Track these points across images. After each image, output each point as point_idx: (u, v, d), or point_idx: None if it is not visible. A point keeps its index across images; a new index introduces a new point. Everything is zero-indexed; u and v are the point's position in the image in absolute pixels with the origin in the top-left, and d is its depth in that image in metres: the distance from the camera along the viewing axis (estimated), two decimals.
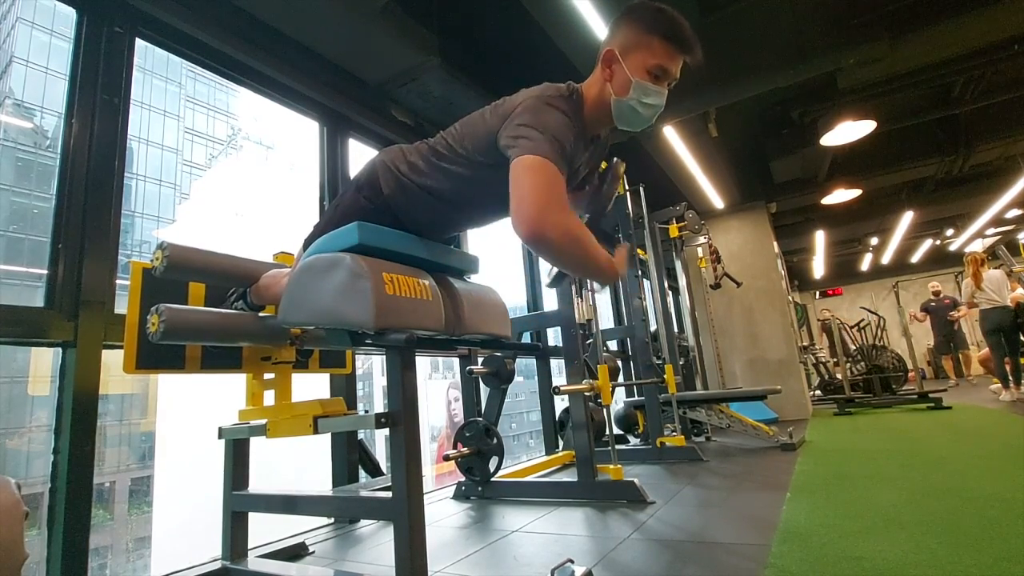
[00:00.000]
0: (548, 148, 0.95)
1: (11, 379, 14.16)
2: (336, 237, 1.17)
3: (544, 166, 0.93)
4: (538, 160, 0.93)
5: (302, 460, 6.95)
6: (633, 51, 1.06)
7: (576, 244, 0.94)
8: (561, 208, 0.92)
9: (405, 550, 1.07)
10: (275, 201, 14.38)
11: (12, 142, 17.39)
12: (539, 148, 0.94)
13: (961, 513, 1.62)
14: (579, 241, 0.95)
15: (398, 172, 1.19)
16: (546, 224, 0.91)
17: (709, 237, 4.58)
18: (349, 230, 1.14)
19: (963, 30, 3.17)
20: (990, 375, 5.73)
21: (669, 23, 1.05)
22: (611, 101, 1.09)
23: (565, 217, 0.93)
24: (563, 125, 1.00)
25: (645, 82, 1.06)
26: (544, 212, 0.91)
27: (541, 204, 0.91)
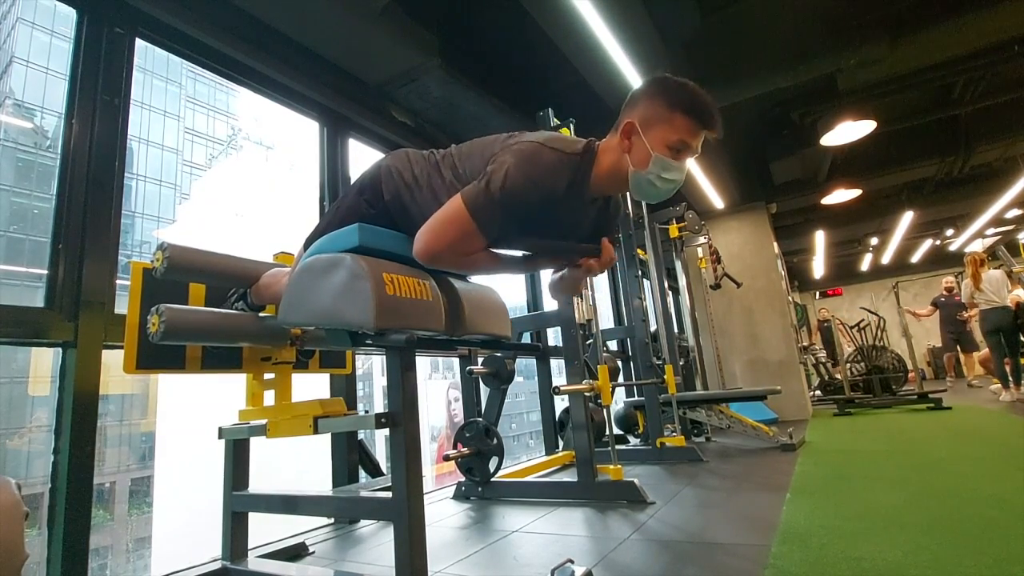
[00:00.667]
0: (478, 200, 1.00)
1: (11, 379, 14.16)
2: (336, 238, 1.17)
3: (458, 210, 1.01)
4: (458, 202, 1.02)
5: (302, 460, 6.95)
6: (654, 125, 1.05)
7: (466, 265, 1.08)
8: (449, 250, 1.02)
9: (405, 550, 1.07)
10: (275, 201, 14.38)
11: (12, 142, 17.38)
12: (470, 196, 1.01)
13: (961, 514, 1.62)
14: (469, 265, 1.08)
15: (401, 180, 1.19)
16: (427, 255, 1.04)
17: (709, 237, 4.58)
18: (350, 231, 1.14)
19: (963, 31, 3.17)
20: (990, 375, 5.73)
21: (692, 99, 1.04)
22: (628, 173, 1.08)
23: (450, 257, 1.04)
24: (527, 186, 1.00)
25: (666, 158, 1.04)
26: (429, 248, 1.03)
27: (433, 237, 1.02)
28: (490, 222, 1.01)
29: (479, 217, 1.00)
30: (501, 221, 1.02)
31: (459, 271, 1.10)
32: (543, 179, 1.02)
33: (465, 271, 1.09)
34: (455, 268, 1.09)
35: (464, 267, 1.08)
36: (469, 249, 1.03)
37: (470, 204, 1.00)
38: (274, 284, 1.47)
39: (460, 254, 1.03)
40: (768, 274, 5.68)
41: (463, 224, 1.01)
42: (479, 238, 1.02)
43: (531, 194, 1.01)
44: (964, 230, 8.26)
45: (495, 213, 1.00)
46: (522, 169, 1.01)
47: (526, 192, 1.00)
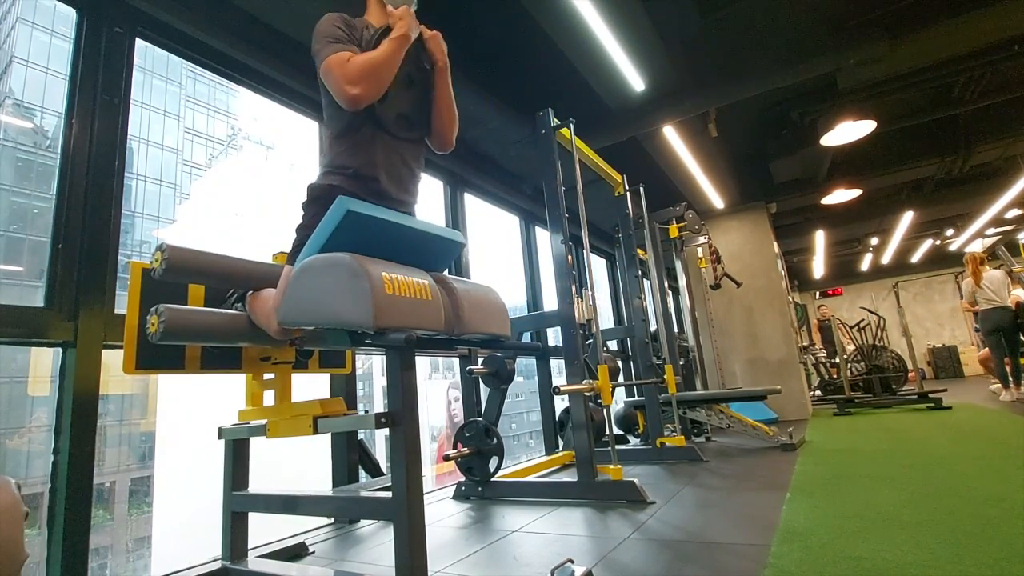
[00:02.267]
0: (324, 52, 1.30)
1: (11, 379, 14.16)
2: (322, 226, 1.19)
3: (324, 65, 1.29)
4: (323, 65, 1.30)
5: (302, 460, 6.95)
6: None
7: (371, 63, 1.27)
8: (344, 67, 1.26)
9: (405, 550, 1.07)
10: (275, 201, 14.38)
11: (12, 142, 17.38)
12: (320, 59, 1.31)
13: (961, 513, 1.62)
14: (368, 60, 1.27)
15: (334, 166, 1.34)
16: (349, 83, 1.24)
17: (709, 237, 4.58)
18: (335, 208, 1.17)
19: (963, 30, 3.17)
20: (990, 375, 5.73)
21: None
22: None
23: (349, 66, 1.25)
24: (332, 23, 1.35)
25: None
26: (343, 80, 1.25)
27: (337, 78, 1.26)
28: (337, 46, 1.30)
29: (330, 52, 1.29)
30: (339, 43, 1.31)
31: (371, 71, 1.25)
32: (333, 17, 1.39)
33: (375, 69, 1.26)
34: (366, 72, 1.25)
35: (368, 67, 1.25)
36: (346, 59, 1.26)
37: (321, 59, 1.30)
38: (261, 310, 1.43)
39: (344, 63, 1.25)
40: (768, 274, 5.69)
41: (330, 63, 1.28)
42: (343, 55, 1.27)
43: (336, 21, 1.37)
44: (964, 230, 8.26)
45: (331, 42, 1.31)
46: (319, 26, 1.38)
47: (331, 24, 1.36)
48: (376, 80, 1.25)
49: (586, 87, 3.25)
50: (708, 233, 4.52)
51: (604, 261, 6.28)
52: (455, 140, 1.56)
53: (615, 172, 3.50)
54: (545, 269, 4.23)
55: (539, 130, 2.67)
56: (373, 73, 1.25)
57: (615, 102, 3.48)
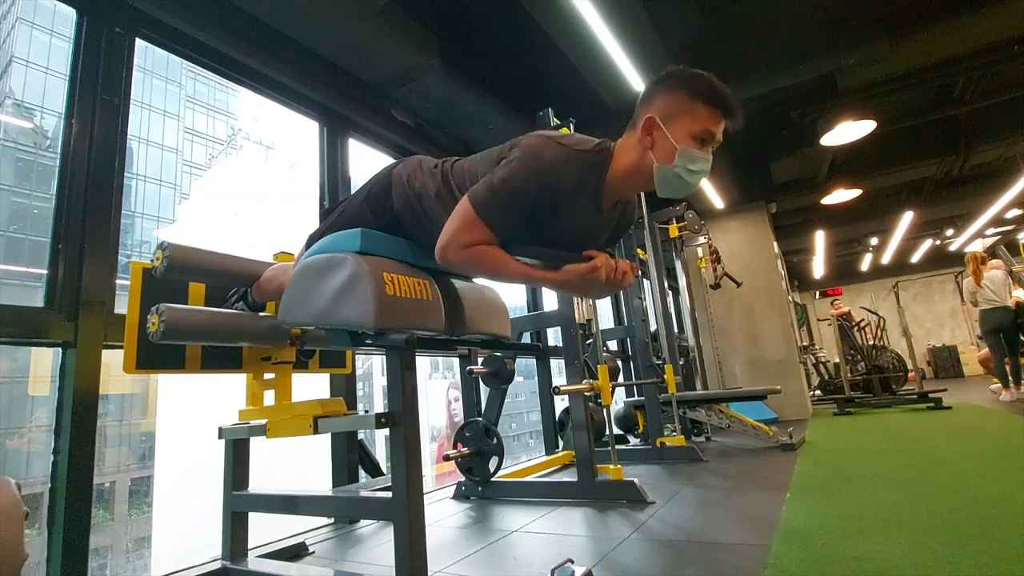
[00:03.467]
0: (483, 196, 1.01)
1: (11, 379, 14.15)
2: (338, 240, 1.17)
3: (465, 208, 1.02)
4: (465, 202, 1.03)
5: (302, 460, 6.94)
6: (676, 117, 1.02)
7: (482, 267, 1.05)
8: (462, 244, 1.02)
9: (405, 550, 1.07)
10: (275, 201, 14.37)
11: (12, 142, 17.37)
12: (475, 194, 1.03)
13: (961, 513, 1.62)
14: (480, 264, 1.04)
15: (411, 189, 1.18)
16: (446, 254, 1.04)
17: (709, 237, 4.58)
18: (351, 235, 1.14)
19: (963, 30, 3.17)
20: (990, 375, 5.73)
21: (712, 88, 1.03)
22: (653, 168, 1.04)
23: (465, 251, 1.02)
24: (528, 178, 1.00)
25: (692, 149, 1.02)
26: (446, 246, 1.03)
27: (447, 239, 1.03)
28: (492, 214, 1.01)
29: (480, 209, 1.00)
30: (505, 215, 1.01)
31: (472, 271, 1.09)
32: (547, 172, 1.00)
33: (477, 271, 1.07)
34: (467, 267, 1.06)
35: (475, 266, 1.05)
36: (471, 241, 1.02)
37: (473, 198, 1.02)
38: (277, 277, 1.47)
39: (463, 246, 1.02)
40: (768, 274, 5.68)
41: (466, 217, 1.01)
42: (482, 230, 1.01)
43: (531, 186, 1.00)
44: (964, 230, 8.26)
45: (497, 205, 1.00)
46: (525, 162, 1.01)
47: (527, 184, 1.00)
48: (473, 275, 1.13)
49: (586, 87, 3.25)
50: (708, 233, 4.52)
51: None
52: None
53: None
54: None
55: (539, 130, 2.67)
56: (475, 272, 1.08)
57: (615, 102, 3.48)
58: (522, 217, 1.03)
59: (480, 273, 1.08)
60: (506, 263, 1.04)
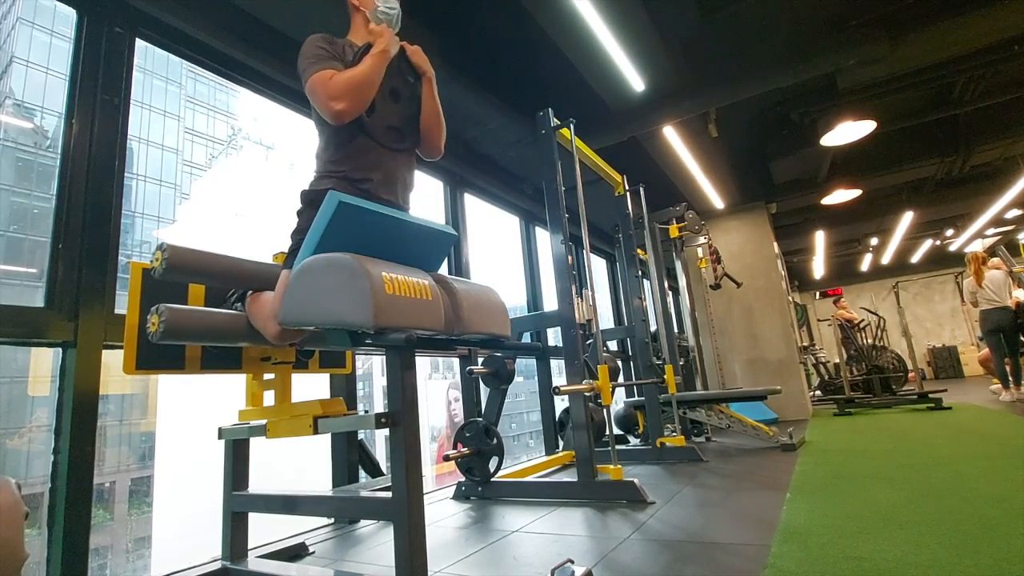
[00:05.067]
0: (309, 71, 1.33)
1: (11, 379, 14.15)
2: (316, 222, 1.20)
3: (310, 83, 1.33)
4: (308, 83, 1.33)
5: (302, 460, 6.95)
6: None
7: (353, 79, 1.30)
8: (327, 84, 1.30)
9: (405, 550, 1.07)
10: (275, 201, 14.37)
11: (12, 142, 17.38)
12: (305, 78, 1.34)
13: (961, 513, 1.62)
14: (351, 76, 1.31)
15: (328, 170, 1.38)
16: (333, 99, 1.28)
17: (709, 237, 4.58)
18: (327, 202, 1.18)
19: (963, 30, 3.17)
20: (990, 375, 5.73)
21: None
22: (369, 15, 1.51)
23: (333, 83, 1.29)
24: (315, 43, 1.39)
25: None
26: (327, 96, 1.29)
27: (322, 95, 1.29)
28: (319, 64, 1.33)
29: (312, 68, 1.33)
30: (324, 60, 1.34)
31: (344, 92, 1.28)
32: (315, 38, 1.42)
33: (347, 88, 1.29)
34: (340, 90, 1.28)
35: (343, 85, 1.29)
36: (327, 78, 1.30)
37: (304, 75, 1.34)
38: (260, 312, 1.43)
39: (326, 82, 1.29)
40: (768, 274, 5.69)
41: (314, 78, 1.31)
42: (325, 72, 1.31)
43: (318, 42, 1.40)
44: (964, 230, 8.26)
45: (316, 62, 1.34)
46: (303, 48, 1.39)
47: (314, 44, 1.39)
48: (359, 94, 1.30)
49: (586, 87, 3.25)
50: (708, 233, 4.52)
51: (604, 261, 6.28)
52: (444, 147, 1.59)
53: (615, 172, 3.50)
54: (545, 269, 4.23)
55: (539, 130, 2.67)
56: (355, 88, 1.30)
57: (615, 102, 3.48)
58: (335, 59, 1.37)
59: (353, 82, 1.30)
60: (353, 70, 1.33)
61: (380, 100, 1.38)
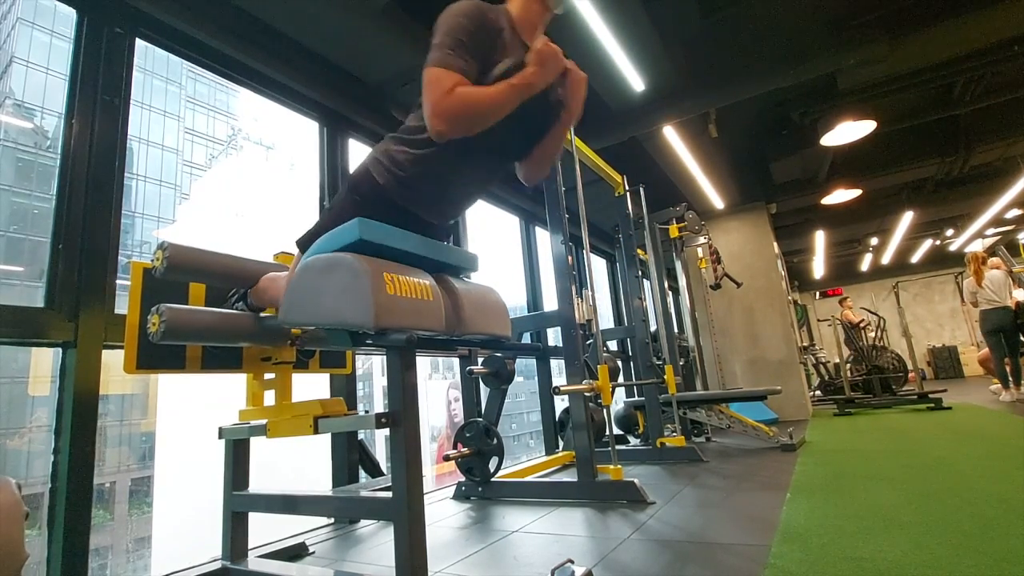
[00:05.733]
0: (435, 55, 1.09)
1: (11, 379, 14.15)
2: (336, 235, 1.16)
3: (428, 73, 1.08)
4: (426, 72, 1.08)
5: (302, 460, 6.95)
6: None
7: (474, 105, 1.07)
8: (444, 95, 1.05)
9: (405, 550, 1.07)
10: (275, 201, 14.37)
11: (12, 142, 17.38)
12: (429, 60, 1.09)
13: (961, 513, 1.62)
14: (474, 102, 1.06)
15: (389, 161, 1.21)
16: (439, 117, 1.05)
17: (709, 237, 4.58)
18: (350, 227, 1.13)
19: (963, 30, 3.17)
20: (990, 375, 5.73)
21: None
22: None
23: (450, 98, 1.04)
24: (457, 18, 1.11)
25: None
26: (435, 109, 1.05)
27: (429, 105, 1.06)
28: (449, 60, 1.08)
29: (439, 61, 1.07)
30: (460, 56, 1.09)
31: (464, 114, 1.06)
32: (465, 11, 1.12)
33: (468, 109, 1.06)
34: (458, 109, 1.05)
35: (464, 104, 1.05)
36: (448, 87, 1.05)
37: (430, 62, 1.09)
38: (271, 287, 1.47)
39: (445, 94, 1.05)
40: (768, 274, 5.68)
41: (432, 76, 1.07)
42: (451, 76, 1.07)
43: (463, 23, 1.11)
44: (964, 230, 8.26)
45: (448, 53, 1.08)
46: (445, 17, 1.13)
47: (459, 24, 1.11)
48: (471, 124, 1.07)
49: None
50: (708, 233, 4.52)
51: (604, 261, 6.28)
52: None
53: (615, 172, 3.50)
54: (545, 269, 4.24)
55: None
56: (472, 116, 1.07)
57: (615, 102, 3.48)
58: (473, 57, 1.11)
59: (472, 109, 1.06)
60: (486, 89, 1.08)
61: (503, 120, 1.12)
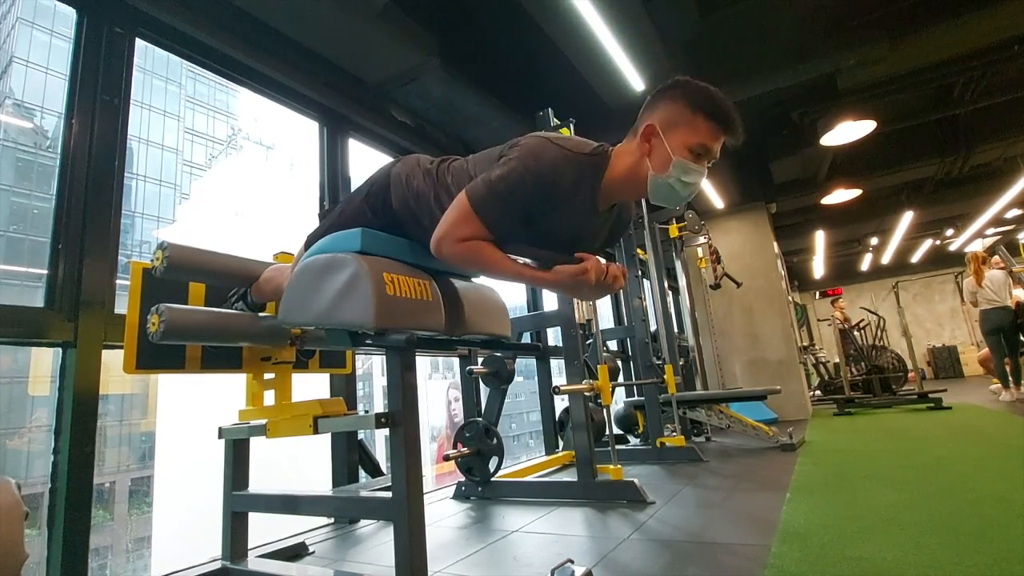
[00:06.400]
0: (480, 192, 1.02)
1: (11, 379, 14.16)
2: (338, 240, 1.17)
3: (462, 203, 1.03)
4: (462, 197, 1.04)
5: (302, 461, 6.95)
6: (676, 127, 1.03)
7: (477, 263, 1.05)
8: (458, 239, 1.02)
9: (405, 550, 1.07)
10: (275, 201, 14.37)
11: (12, 142, 17.38)
12: (472, 189, 1.03)
13: (961, 513, 1.62)
14: (479, 261, 1.04)
15: (410, 188, 1.18)
16: (440, 247, 1.05)
17: (709, 237, 4.58)
18: (352, 235, 1.14)
19: (963, 30, 3.17)
20: (990, 375, 5.74)
21: (715, 102, 1.03)
22: (648, 176, 1.05)
23: (460, 245, 1.03)
24: (525, 176, 1.01)
25: (687, 161, 1.02)
26: (441, 239, 1.04)
27: (442, 232, 1.04)
28: (489, 210, 1.01)
29: (477, 205, 1.01)
30: (502, 213, 1.02)
31: (466, 267, 1.07)
32: (544, 172, 1.01)
33: (471, 266, 1.06)
34: (461, 262, 1.06)
35: (470, 261, 1.04)
36: (467, 235, 1.02)
37: (471, 193, 1.03)
38: (275, 278, 1.47)
39: (458, 240, 1.02)
40: (768, 274, 5.68)
41: (462, 212, 1.02)
42: (478, 226, 1.02)
43: (528, 184, 1.00)
44: (964, 230, 8.26)
45: (493, 202, 1.01)
46: (524, 161, 1.01)
47: (524, 182, 1.00)
48: (467, 271, 1.09)
49: (586, 87, 3.25)
50: (708, 233, 4.52)
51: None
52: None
53: None
54: None
55: (539, 130, 2.67)
56: (471, 268, 1.07)
57: (615, 102, 3.48)
58: (518, 216, 1.04)
59: (473, 268, 1.08)
60: (500, 260, 1.04)
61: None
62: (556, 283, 1.03)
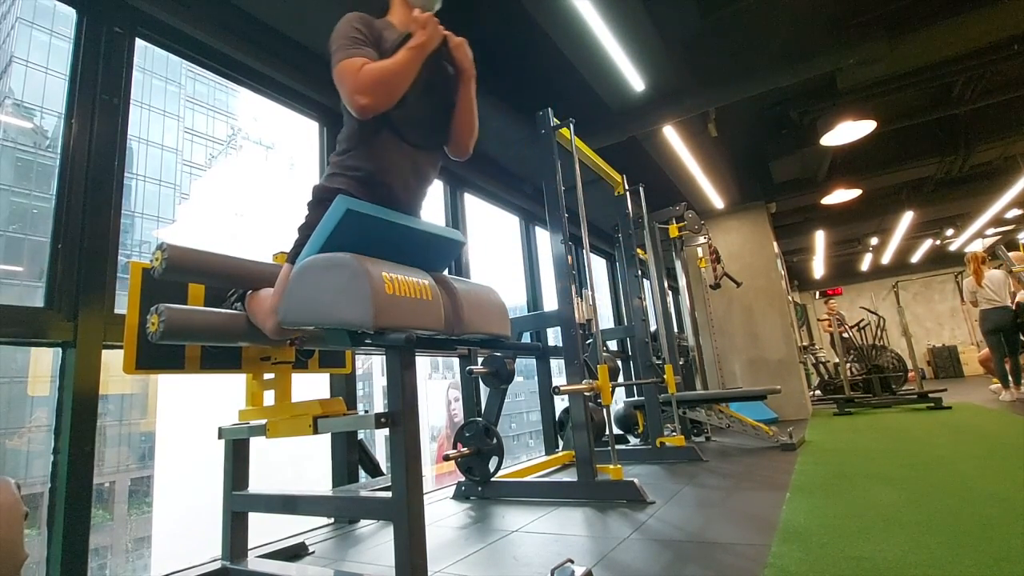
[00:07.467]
0: (339, 55, 1.25)
1: (11, 379, 14.16)
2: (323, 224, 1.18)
3: (337, 69, 1.24)
4: (336, 69, 1.25)
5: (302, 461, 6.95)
6: None
7: (384, 73, 1.21)
8: (356, 75, 1.20)
9: (405, 550, 1.07)
10: (275, 201, 14.37)
11: (12, 142, 17.38)
12: (334, 61, 1.26)
13: (961, 513, 1.62)
14: (382, 70, 1.21)
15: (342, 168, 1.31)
16: (358, 92, 1.20)
17: (709, 237, 4.58)
18: (334, 207, 1.16)
19: (963, 30, 3.17)
20: (990, 375, 5.74)
21: None
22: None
23: (361, 75, 1.20)
24: (350, 25, 1.30)
25: None
26: (352, 88, 1.20)
27: (348, 86, 1.21)
28: (351, 49, 1.24)
29: (343, 53, 1.24)
30: (358, 45, 1.26)
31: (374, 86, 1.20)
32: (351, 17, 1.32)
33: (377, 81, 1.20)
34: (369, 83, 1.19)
35: (373, 78, 1.20)
36: (356, 67, 1.21)
37: (335, 58, 1.25)
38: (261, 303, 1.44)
39: (355, 72, 1.20)
40: (768, 274, 5.69)
41: (341, 65, 1.23)
42: (356, 60, 1.22)
43: (353, 23, 1.30)
44: (964, 230, 8.26)
45: (348, 45, 1.26)
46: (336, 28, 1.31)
47: (349, 25, 1.30)
48: (388, 90, 1.21)
49: (586, 87, 3.25)
50: (708, 233, 4.52)
51: (604, 261, 6.28)
52: (472, 148, 1.51)
53: (615, 172, 3.50)
54: (545, 269, 4.23)
55: (539, 130, 2.67)
56: (385, 83, 1.21)
57: (615, 102, 3.48)
58: (369, 45, 1.28)
59: (383, 77, 1.21)
60: (388, 60, 1.24)
61: (412, 93, 1.27)
62: (423, 35, 1.25)
